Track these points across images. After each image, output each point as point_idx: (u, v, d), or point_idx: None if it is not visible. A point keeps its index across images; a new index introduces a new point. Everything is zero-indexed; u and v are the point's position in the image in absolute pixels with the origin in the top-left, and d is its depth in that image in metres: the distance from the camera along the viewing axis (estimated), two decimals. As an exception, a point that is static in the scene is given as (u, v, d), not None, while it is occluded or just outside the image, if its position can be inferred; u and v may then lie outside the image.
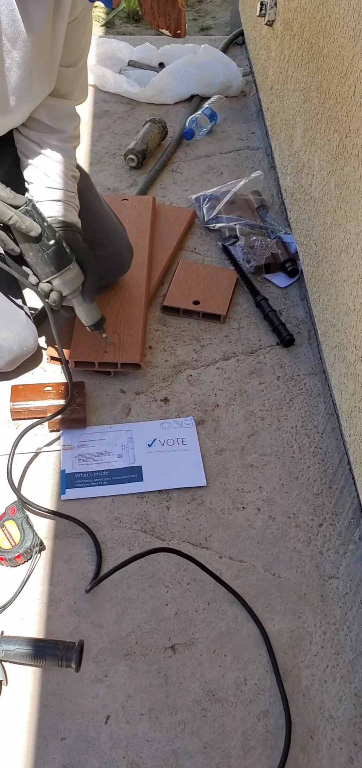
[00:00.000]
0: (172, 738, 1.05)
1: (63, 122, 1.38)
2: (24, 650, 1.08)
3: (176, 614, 1.18)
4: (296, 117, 1.75)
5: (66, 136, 1.38)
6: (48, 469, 1.36)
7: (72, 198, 1.39)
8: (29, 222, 1.26)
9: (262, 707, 1.09)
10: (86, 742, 1.04)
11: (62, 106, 1.36)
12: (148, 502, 1.32)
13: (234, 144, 2.23)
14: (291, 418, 1.47)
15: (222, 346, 1.61)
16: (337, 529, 1.30)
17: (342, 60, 1.37)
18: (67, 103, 1.38)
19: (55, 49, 1.25)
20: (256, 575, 1.23)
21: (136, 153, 2.09)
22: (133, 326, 1.57)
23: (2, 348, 1.42)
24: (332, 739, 1.06)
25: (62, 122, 1.37)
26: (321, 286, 1.56)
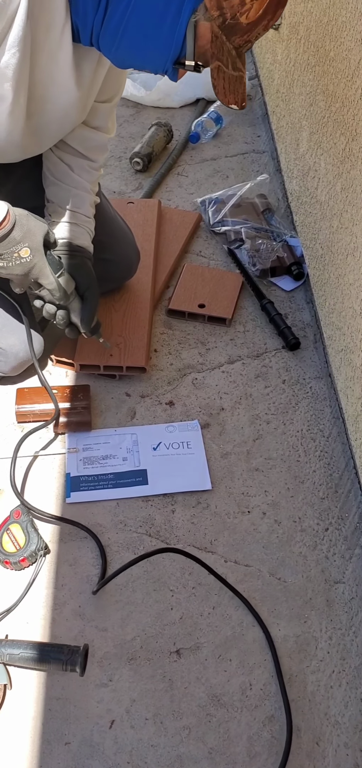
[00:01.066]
0: (177, 743, 1.05)
1: (95, 152, 1.40)
2: (28, 654, 1.07)
3: (181, 618, 1.17)
4: (302, 120, 1.75)
5: (96, 165, 1.41)
6: (53, 472, 1.36)
7: (89, 223, 1.41)
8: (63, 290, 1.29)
9: (268, 713, 1.08)
10: (90, 747, 1.04)
11: (97, 138, 1.38)
12: (153, 506, 1.32)
13: (240, 147, 2.23)
14: (296, 422, 1.47)
15: (228, 350, 1.61)
16: (343, 533, 1.29)
17: (348, 63, 1.37)
18: (101, 135, 1.40)
19: (92, 91, 1.26)
20: (262, 579, 1.23)
21: (142, 156, 2.09)
22: (139, 329, 1.57)
23: (9, 354, 1.42)
24: (338, 745, 1.05)
25: (95, 152, 1.40)
26: (327, 290, 1.55)
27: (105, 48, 1.11)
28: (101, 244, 1.44)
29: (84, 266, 1.35)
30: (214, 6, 0.99)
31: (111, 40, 1.08)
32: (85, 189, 1.40)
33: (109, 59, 1.15)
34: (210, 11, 1.00)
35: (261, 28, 1.03)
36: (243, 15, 0.99)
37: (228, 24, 1.01)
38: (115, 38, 1.08)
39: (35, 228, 1.22)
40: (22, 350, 1.43)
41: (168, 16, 1.03)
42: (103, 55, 1.14)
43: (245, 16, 1.00)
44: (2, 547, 1.21)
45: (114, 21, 1.06)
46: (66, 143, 1.36)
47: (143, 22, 1.04)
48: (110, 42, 1.09)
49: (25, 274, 1.23)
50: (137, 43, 1.07)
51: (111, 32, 1.07)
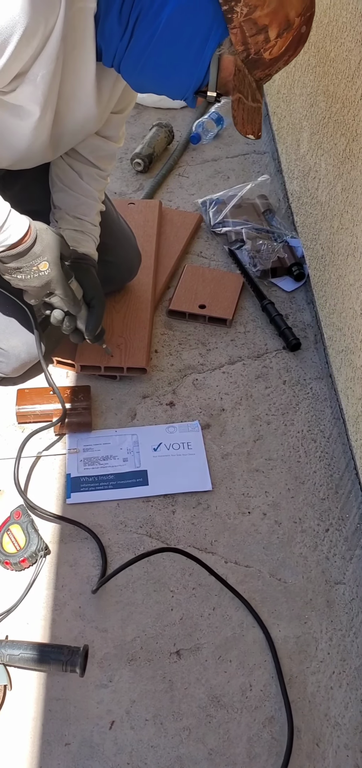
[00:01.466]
0: (177, 744, 1.05)
1: (104, 162, 1.41)
2: (28, 655, 1.07)
3: (181, 619, 1.17)
4: (302, 121, 1.75)
5: (105, 174, 1.42)
6: (53, 472, 1.36)
7: (95, 231, 1.42)
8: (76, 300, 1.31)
9: (268, 714, 1.08)
10: (90, 748, 1.04)
11: (107, 147, 1.39)
12: (154, 507, 1.32)
13: (241, 148, 2.23)
14: (297, 423, 1.47)
15: (228, 350, 1.61)
16: (344, 534, 1.29)
17: (349, 64, 1.37)
18: (112, 144, 1.40)
19: (109, 106, 1.27)
20: (262, 580, 1.23)
21: (143, 157, 2.09)
22: (139, 330, 1.57)
23: (10, 355, 1.42)
24: (338, 746, 1.05)
25: (104, 161, 1.41)
26: (327, 290, 1.55)
27: (126, 72, 1.12)
28: (103, 246, 1.44)
29: (90, 274, 1.35)
30: (240, 41, 1.01)
31: (133, 66, 1.10)
32: (93, 197, 1.41)
33: (128, 83, 1.16)
34: (235, 46, 1.02)
35: (282, 62, 1.05)
36: (267, 51, 1.02)
37: (251, 58, 1.03)
38: (138, 65, 1.09)
39: (53, 242, 1.22)
40: (24, 352, 1.43)
41: (193, 48, 1.04)
42: (123, 78, 1.15)
43: (269, 52, 1.02)
44: (2, 548, 1.21)
45: (138, 48, 1.07)
46: (76, 151, 1.37)
47: (168, 52, 1.05)
48: (132, 68, 1.10)
49: (42, 286, 1.24)
50: (160, 71, 1.09)
51: (134, 59, 1.08)
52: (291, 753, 1.04)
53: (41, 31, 0.98)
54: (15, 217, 1.14)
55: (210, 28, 1.02)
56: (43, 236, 1.20)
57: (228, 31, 1.01)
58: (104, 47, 1.09)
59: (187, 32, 1.03)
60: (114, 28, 1.06)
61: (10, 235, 1.14)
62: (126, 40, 1.06)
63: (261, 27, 0.99)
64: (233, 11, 0.98)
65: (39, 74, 1.04)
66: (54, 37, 1.00)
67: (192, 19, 1.02)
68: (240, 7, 0.98)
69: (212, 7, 1.00)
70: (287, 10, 0.99)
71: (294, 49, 1.05)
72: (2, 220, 1.12)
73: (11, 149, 1.19)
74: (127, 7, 1.04)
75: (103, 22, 1.06)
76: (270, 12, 0.98)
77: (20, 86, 1.04)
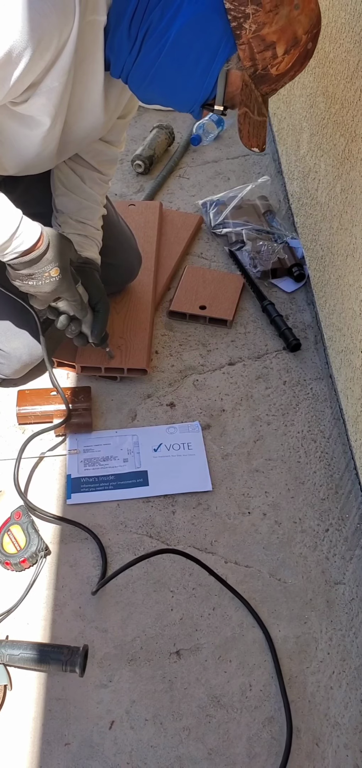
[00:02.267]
0: (177, 744, 1.05)
1: (107, 166, 1.42)
2: (28, 655, 1.07)
3: (181, 619, 1.17)
4: (302, 122, 1.75)
5: (107, 179, 1.43)
6: (54, 473, 1.37)
7: (98, 235, 1.42)
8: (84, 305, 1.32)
9: (267, 714, 1.08)
10: (90, 748, 1.04)
11: (109, 152, 1.40)
12: (154, 507, 1.32)
13: (241, 149, 2.23)
14: (297, 423, 1.47)
15: (229, 351, 1.61)
16: (343, 534, 1.29)
17: (347, 65, 1.37)
18: (114, 149, 1.41)
19: (115, 115, 1.28)
20: (262, 580, 1.23)
21: (143, 159, 2.09)
22: (140, 332, 1.57)
23: (12, 357, 1.43)
24: (338, 746, 1.05)
25: (106, 166, 1.42)
26: (327, 291, 1.55)
27: (133, 85, 1.13)
28: (104, 248, 1.45)
29: (94, 278, 1.36)
30: (248, 57, 1.02)
31: (141, 79, 1.10)
32: (96, 201, 1.42)
33: (136, 95, 1.17)
34: (243, 62, 1.03)
35: (288, 78, 1.07)
36: (274, 67, 1.04)
37: (258, 74, 1.04)
38: (146, 78, 1.10)
39: (64, 247, 1.23)
40: (26, 354, 1.44)
41: (201, 63, 1.05)
42: (130, 90, 1.16)
43: (276, 68, 1.04)
44: (3, 548, 1.21)
45: (146, 62, 1.07)
46: (79, 156, 1.37)
47: (176, 66, 1.06)
48: (140, 81, 1.11)
49: (52, 291, 1.24)
50: (168, 85, 1.10)
51: (142, 72, 1.09)
52: (291, 753, 1.04)
53: (55, 44, 0.98)
54: (27, 223, 1.15)
55: (219, 44, 1.03)
56: (54, 242, 1.20)
57: (236, 47, 1.02)
58: (113, 60, 1.10)
59: (196, 47, 1.04)
60: (123, 42, 1.06)
61: (22, 241, 1.14)
62: (134, 53, 1.07)
63: (269, 43, 1.01)
64: (242, 28, 1.00)
65: (51, 86, 1.04)
66: (67, 49, 1.01)
67: (202, 35, 1.03)
68: (249, 24, 0.99)
69: (222, 23, 1.01)
70: (295, 28, 1.01)
71: (300, 65, 1.06)
72: (15, 227, 1.12)
73: (19, 158, 1.19)
74: (136, 21, 1.04)
75: (112, 35, 1.06)
76: (278, 29, 1.00)
77: (32, 97, 1.05)
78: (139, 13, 1.04)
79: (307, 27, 1.02)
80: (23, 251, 1.15)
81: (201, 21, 1.02)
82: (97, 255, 1.42)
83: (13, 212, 1.13)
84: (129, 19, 1.04)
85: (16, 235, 1.13)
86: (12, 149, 1.17)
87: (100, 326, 1.37)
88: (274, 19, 0.99)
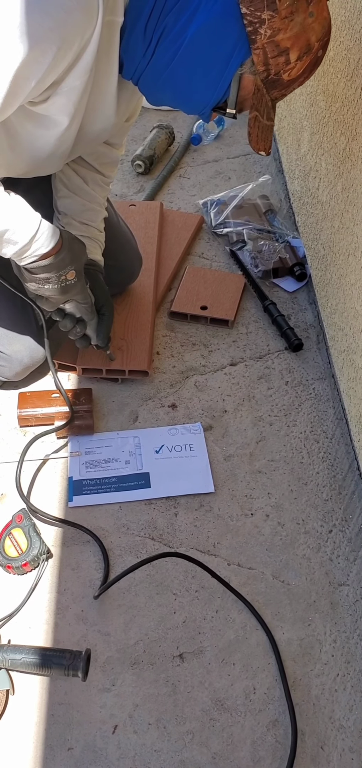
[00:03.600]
0: (180, 748, 1.04)
1: (109, 168, 1.42)
2: (30, 659, 1.07)
3: (184, 622, 1.17)
4: (303, 121, 1.74)
5: (108, 181, 1.43)
6: (55, 476, 1.36)
7: (101, 237, 1.42)
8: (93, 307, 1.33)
9: (272, 717, 1.07)
10: (93, 753, 1.03)
11: (111, 154, 1.40)
12: (156, 509, 1.31)
13: (242, 149, 2.22)
14: (299, 424, 1.46)
15: (230, 352, 1.60)
16: (347, 535, 1.28)
17: (348, 63, 1.36)
18: (115, 151, 1.41)
19: (124, 117, 1.28)
20: (265, 582, 1.22)
21: (144, 159, 2.09)
22: (141, 333, 1.56)
23: (13, 359, 1.42)
24: (343, 749, 1.04)
25: (108, 168, 1.42)
26: (329, 290, 1.55)
27: (144, 87, 1.13)
28: (104, 249, 1.44)
29: (99, 281, 1.35)
30: (261, 62, 1.03)
31: (153, 81, 1.10)
32: (99, 203, 1.41)
33: (146, 96, 1.16)
34: (256, 66, 1.04)
35: (297, 84, 1.08)
36: (286, 72, 1.04)
37: (270, 79, 1.05)
38: (159, 81, 1.09)
39: (79, 249, 1.23)
40: (27, 356, 1.43)
41: (216, 66, 1.05)
42: (140, 91, 1.16)
43: (288, 73, 1.05)
44: (4, 552, 1.20)
45: (160, 64, 1.07)
46: (82, 158, 1.37)
47: (190, 70, 1.06)
48: (152, 83, 1.11)
49: (66, 295, 1.24)
50: (181, 88, 1.10)
51: (155, 74, 1.09)
52: (296, 756, 1.03)
53: (78, 42, 0.98)
54: (46, 226, 1.14)
55: (234, 48, 1.03)
56: (71, 245, 1.20)
57: (251, 51, 1.03)
58: (126, 61, 1.09)
59: (211, 51, 1.04)
60: (138, 44, 1.06)
61: (42, 244, 1.14)
62: (148, 55, 1.07)
63: (283, 49, 1.02)
64: (257, 33, 1.00)
65: (72, 85, 1.03)
66: (90, 48, 1.00)
67: (218, 39, 1.03)
68: (265, 29, 1.00)
69: (237, 27, 1.01)
70: (309, 35, 1.02)
71: (309, 72, 1.08)
72: (34, 230, 1.12)
73: (31, 159, 1.18)
74: (152, 23, 1.04)
75: (128, 37, 1.06)
76: (292, 36, 1.01)
77: (52, 97, 1.04)
78: (155, 15, 1.03)
79: (320, 35, 1.03)
80: (42, 255, 1.15)
81: (217, 25, 1.02)
82: (100, 257, 1.41)
83: (32, 215, 1.13)
84: (145, 21, 1.04)
85: (35, 239, 1.12)
86: (25, 150, 1.15)
87: (106, 329, 1.37)
88: (289, 26, 1.00)
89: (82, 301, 1.28)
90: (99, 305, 1.35)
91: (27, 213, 1.12)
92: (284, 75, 1.05)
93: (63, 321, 1.31)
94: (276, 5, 0.98)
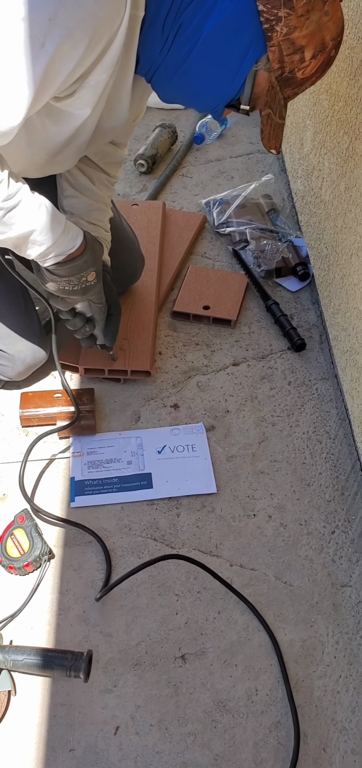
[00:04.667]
0: (182, 749, 1.04)
1: (113, 168, 1.42)
2: (32, 660, 1.07)
3: (186, 623, 1.17)
4: (306, 120, 1.74)
5: (113, 181, 1.43)
6: (57, 476, 1.36)
7: (107, 237, 1.42)
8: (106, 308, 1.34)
9: (274, 718, 1.07)
10: (95, 754, 1.03)
11: (115, 154, 1.40)
12: (158, 510, 1.31)
13: (245, 148, 2.22)
14: (302, 424, 1.45)
15: (233, 352, 1.60)
16: (350, 536, 1.28)
17: (351, 62, 1.36)
18: (120, 151, 1.41)
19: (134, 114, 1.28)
20: (267, 583, 1.22)
21: (146, 158, 2.08)
22: (143, 333, 1.56)
23: (16, 359, 1.42)
24: (345, 751, 1.04)
25: (113, 168, 1.42)
26: (331, 290, 1.54)
27: (158, 83, 1.12)
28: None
29: (107, 281, 1.35)
30: (277, 59, 1.03)
31: (167, 78, 1.10)
32: (105, 203, 1.41)
33: (158, 93, 1.16)
34: (271, 63, 1.04)
35: (309, 83, 1.08)
36: (301, 71, 1.05)
37: (284, 76, 1.05)
38: (173, 77, 1.09)
39: (99, 251, 1.23)
40: (30, 356, 1.43)
41: (231, 63, 1.05)
42: (152, 88, 1.15)
43: (302, 71, 1.05)
44: (6, 552, 1.20)
45: (175, 61, 1.07)
46: (87, 157, 1.36)
47: (206, 65, 1.06)
48: (166, 80, 1.10)
49: (85, 295, 1.24)
50: (195, 85, 1.09)
51: (170, 70, 1.08)
52: (298, 758, 1.03)
53: (107, 35, 0.97)
54: (71, 227, 1.14)
55: (250, 45, 1.03)
56: (93, 246, 1.20)
57: (266, 48, 1.02)
58: (143, 56, 1.08)
59: (228, 47, 1.03)
60: (156, 40, 1.05)
61: (67, 246, 1.14)
62: (164, 52, 1.06)
63: (299, 47, 1.02)
64: (273, 30, 1.00)
65: (98, 80, 1.03)
66: (117, 42, 1.00)
67: (234, 35, 1.02)
68: (281, 26, 1.00)
69: (254, 24, 1.01)
70: (324, 34, 1.02)
71: (322, 71, 1.08)
72: (60, 232, 1.12)
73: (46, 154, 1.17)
74: (170, 19, 1.03)
75: (146, 33, 1.05)
76: (308, 34, 1.01)
77: (78, 91, 1.03)
78: (173, 11, 1.03)
79: (334, 34, 1.04)
80: (67, 256, 1.14)
81: (234, 21, 1.02)
82: (107, 257, 1.41)
83: (58, 216, 1.12)
84: (164, 17, 1.03)
85: (60, 241, 1.12)
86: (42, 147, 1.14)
87: (114, 329, 1.38)
88: (305, 24, 1.00)
89: (97, 301, 1.29)
90: (107, 305, 1.36)
91: (53, 214, 1.12)
92: (298, 73, 1.05)
93: (73, 320, 1.32)
94: (293, 3, 0.98)
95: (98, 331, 1.37)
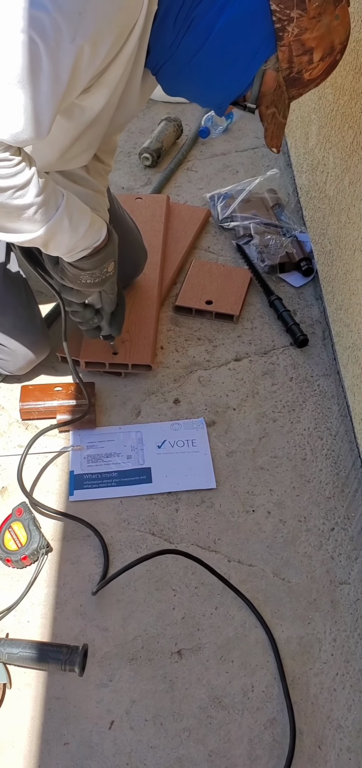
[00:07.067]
0: (177, 745, 1.04)
1: (108, 156, 1.41)
2: (27, 653, 1.07)
3: (183, 618, 1.16)
4: (311, 114, 1.72)
5: (108, 169, 1.43)
6: (56, 470, 1.35)
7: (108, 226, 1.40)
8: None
9: (269, 715, 1.07)
10: (89, 748, 1.03)
11: (109, 141, 1.39)
12: (157, 504, 1.31)
13: (251, 142, 2.20)
14: (303, 420, 1.45)
15: (235, 347, 1.59)
16: (349, 533, 1.27)
17: (356, 55, 1.34)
18: (114, 138, 1.40)
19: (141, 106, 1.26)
20: (265, 580, 1.21)
21: (151, 152, 2.07)
22: (145, 327, 1.55)
23: (17, 354, 1.42)
24: (340, 749, 1.04)
25: (108, 156, 1.41)
26: (335, 286, 1.53)
27: (165, 77, 1.12)
28: None
29: None
30: (286, 59, 1.03)
31: (175, 72, 1.09)
32: (102, 192, 1.40)
33: (164, 87, 1.15)
34: (281, 63, 1.04)
35: (314, 84, 1.09)
36: (308, 72, 1.06)
37: (292, 77, 1.06)
38: (181, 71, 1.08)
39: (116, 239, 1.22)
40: (31, 351, 1.43)
41: (240, 60, 1.05)
42: (158, 81, 1.14)
43: (309, 73, 1.06)
44: (4, 545, 1.20)
45: (185, 56, 1.06)
46: None
47: (215, 62, 1.05)
48: (173, 74, 1.10)
49: (102, 285, 1.24)
50: (203, 80, 1.09)
51: (178, 65, 1.08)
52: (293, 756, 1.02)
53: (128, 29, 0.98)
54: (96, 219, 1.14)
55: (262, 44, 1.03)
56: (112, 236, 1.19)
57: (276, 48, 1.02)
58: (154, 50, 1.08)
59: (239, 45, 1.03)
60: (167, 35, 1.05)
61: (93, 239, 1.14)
62: (175, 46, 1.06)
63: (308, 49, 1.02)
64: (285, 30, 1.00)
65: (115, 75, 1.03)
66: (133, 36, 1.00)
67: (246, 33, 1.02)
68: (293, 27, 1.00)
69: (266, 23, 1.01)
70: (333, 37, 1.03)
71: (327, 74, 1.09)
72: (87, 224, 1.11)
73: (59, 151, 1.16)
74: (182, 14, 1.03)
75: (158, 27, 1.05)
76: (318, 36, 1.01)
77: (94, 86, 1.02)
78: (186, 6, 1.03)
79: (343, 38, 1.05)
80: (93, 249, 1.15)
81: (247, 19, 1.01)
82: None
83: (85, 211, 1.12)
84: (176, 12, 1.03)
85: (88, 234, 1.12)
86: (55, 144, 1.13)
87: (121, 318, 1.38)
88: (316, 26, 1.00)
89: (110, 292, 1.29)
90: None
91: (81, 209, 1.11)
92: (305, 74, 1.06)
93: (82, 312, 1.31)
94: (306, 5, 0.98)
95: (105, 322, 1.37)
